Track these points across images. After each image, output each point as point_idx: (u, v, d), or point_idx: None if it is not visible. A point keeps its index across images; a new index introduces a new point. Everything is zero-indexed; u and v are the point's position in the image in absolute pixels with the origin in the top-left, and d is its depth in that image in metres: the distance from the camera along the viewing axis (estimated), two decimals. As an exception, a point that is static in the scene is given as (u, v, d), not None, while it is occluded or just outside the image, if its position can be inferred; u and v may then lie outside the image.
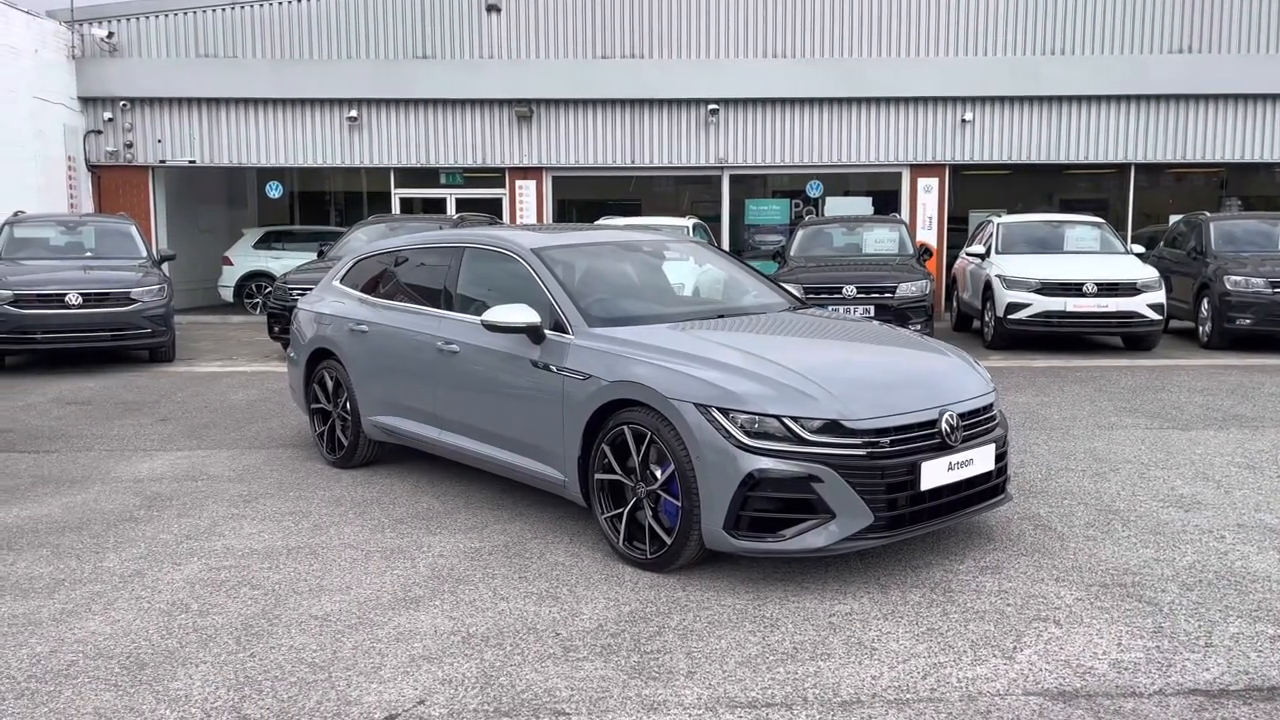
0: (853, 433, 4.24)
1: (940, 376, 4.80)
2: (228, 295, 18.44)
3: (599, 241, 6.01)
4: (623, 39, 17.48)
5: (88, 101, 17.59)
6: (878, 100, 17.56)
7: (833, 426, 4.24)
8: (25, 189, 15.79)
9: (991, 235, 14.02)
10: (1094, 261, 12.81)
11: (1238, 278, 12.41)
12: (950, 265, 16.43)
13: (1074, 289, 12.07)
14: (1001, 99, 17.50)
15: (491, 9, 17.35)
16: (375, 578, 4.59)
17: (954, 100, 17.56)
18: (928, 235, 17.97)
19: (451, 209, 17.94)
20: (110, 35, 17.36)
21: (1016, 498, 5.70)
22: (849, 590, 4.32)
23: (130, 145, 17.72)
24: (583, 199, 21.47)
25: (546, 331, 5.10)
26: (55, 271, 11.41)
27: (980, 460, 4.58)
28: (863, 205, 18.32)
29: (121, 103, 17.56)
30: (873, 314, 11.92)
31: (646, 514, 4.56)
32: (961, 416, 4.57)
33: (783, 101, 17.58)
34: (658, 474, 4.49)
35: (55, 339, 11.03)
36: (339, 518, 5.58)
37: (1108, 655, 3.65)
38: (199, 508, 5.83)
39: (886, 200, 18.39)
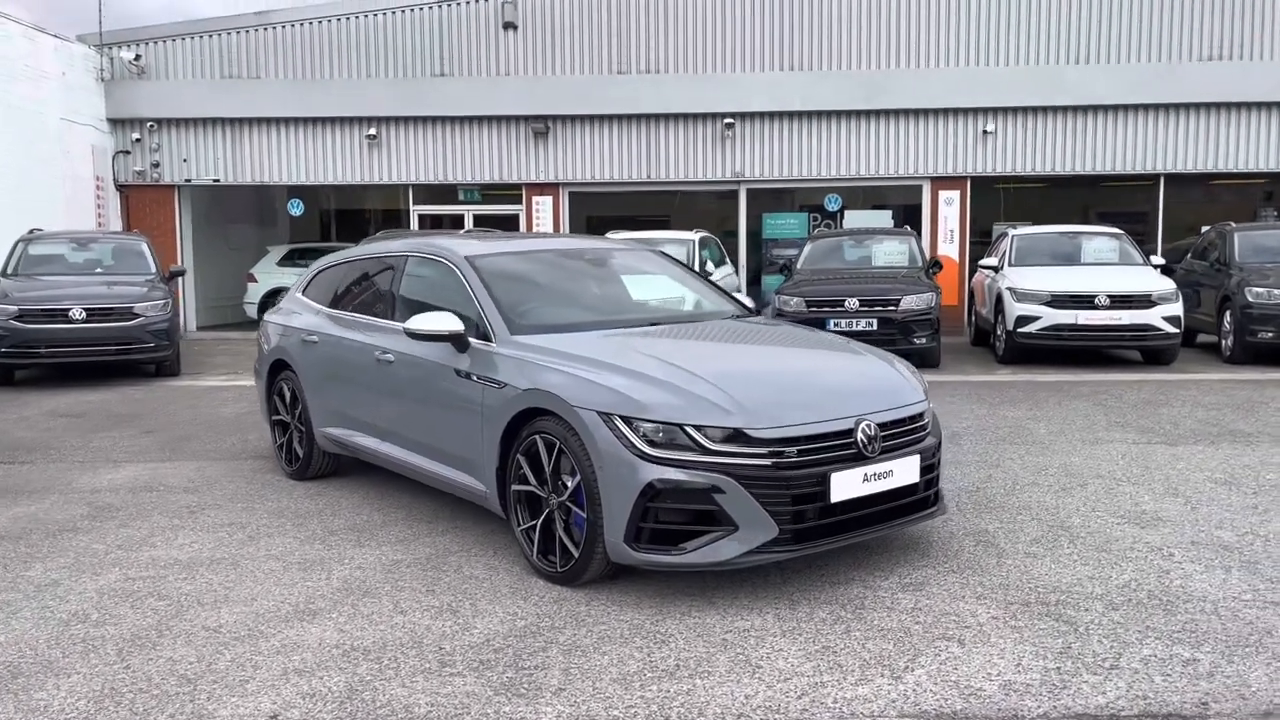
0: (757, 442, 4.10)
1: (865, 386, 4.64)
2: (252, 312, 18.68)
3: (539, 249, 5.94)
4: (639, 54, 17.47)
5: (116, 123, 17.98)
6: (896, 112, 17.32)
7: (737, 436, 4.10)
8: (53, 208, 16.16)
9: (1006, 247, 13.72)
10: (1109, 273, 12.44)
11: (1260, 289, 11.97)
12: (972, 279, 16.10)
13: (1085, 301, 11.73)
14: (1024, 109, 17.16)
15: (508, 26, 17.45)
16: (285, 589, 4.53)
17: (975, 111, 17.25)
18: (949, 249, 17.67)
19: (469, 225, 18.01)
20: (138, 58, 17.75)
21: (966, 512, 5.49)
22: (757, 605, 4.16)
23: (157, 165, 18.08)
24: (614, 214, 21.47)
25: (471, 340, 5.02)
26: (60, 287, 11.62)
27: (902, 472, 4.41)
28: (882, 219, 18.05)
29: (149, 123, 17.93)
30: (875, 327, 11.72)
31: (558, 526, 4.45)
32: (883, 426, 4.40)
33: (800, 114, 17.42)
34: (568, 484, 4.38)
35: (59, 353, 11.23)
36: (275, 529, 5.54)
37: (1001, 676, 3.45)
38: (143, 518, 5.83)
39: (907, 213, 18.11)
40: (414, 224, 18.09)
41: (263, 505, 6.08)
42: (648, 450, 4.09)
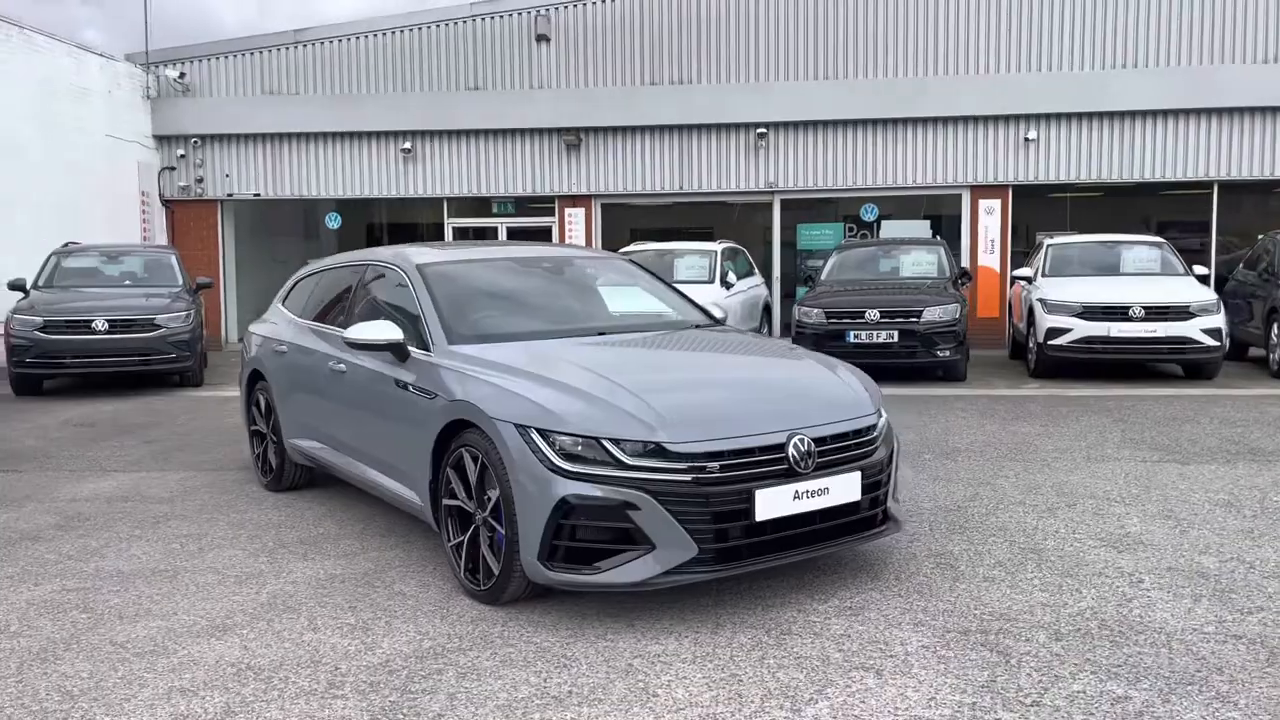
0: (677, 457, 3.91)
1: (804, 398, 4.42)
2: (291, 324, 18.90)
3: (494, 258, 5.81)
4: (671, 65, 17.34)
5: (162, 139, 18.37)
6: (934, 120, 16.91)
7: (656, 450, 3.91)
8: (97, 223, 16.52)
9: (1041, 257, 13.27)
10: (1145, 284, 11.92)
11: (1308, 300, 11.38)
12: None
13: (1119, 313, 11.25)
14: (1066, 115, 16.62)
15: (541, 39, 17.46)
16: (210, 603, 4.45)
17: (1015, 118, 16.77)
18: (990, 259, 17.18)
19: (502, 238, 18.02)
20: (182, 75, 18.14)
21: (936, 533, 5.22)
22: (677, 629, 3.96)
23: (200, 180, 18.43)
24: (657, 226, 21.36)
25: (411, 349, 4.91)
26: (86, 298, 11.84)
27: (841, 489, 4.17)
28: (920, 229, 17.61)
29: (193, 139, 18.29)
30: (896, 339, 11.39)
31: (483, 543, 4.30)
32: (820, 441, 4.17)
33: (834, 124, 17.11)
34: (492, 499, 4.23)
35: (83, 363, 11.43)
36: (229, 541, 5.49)
37: (910, 711, 3.21)
38: (107, 529, 5.82)
39: (947, 224, 17.66)
40: (448, 236, 18.16)
41: (227, 516, 6.03)
42: (562, 464, 3.92)
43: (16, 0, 19.78)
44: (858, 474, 4.23)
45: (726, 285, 12.95)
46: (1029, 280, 12.99)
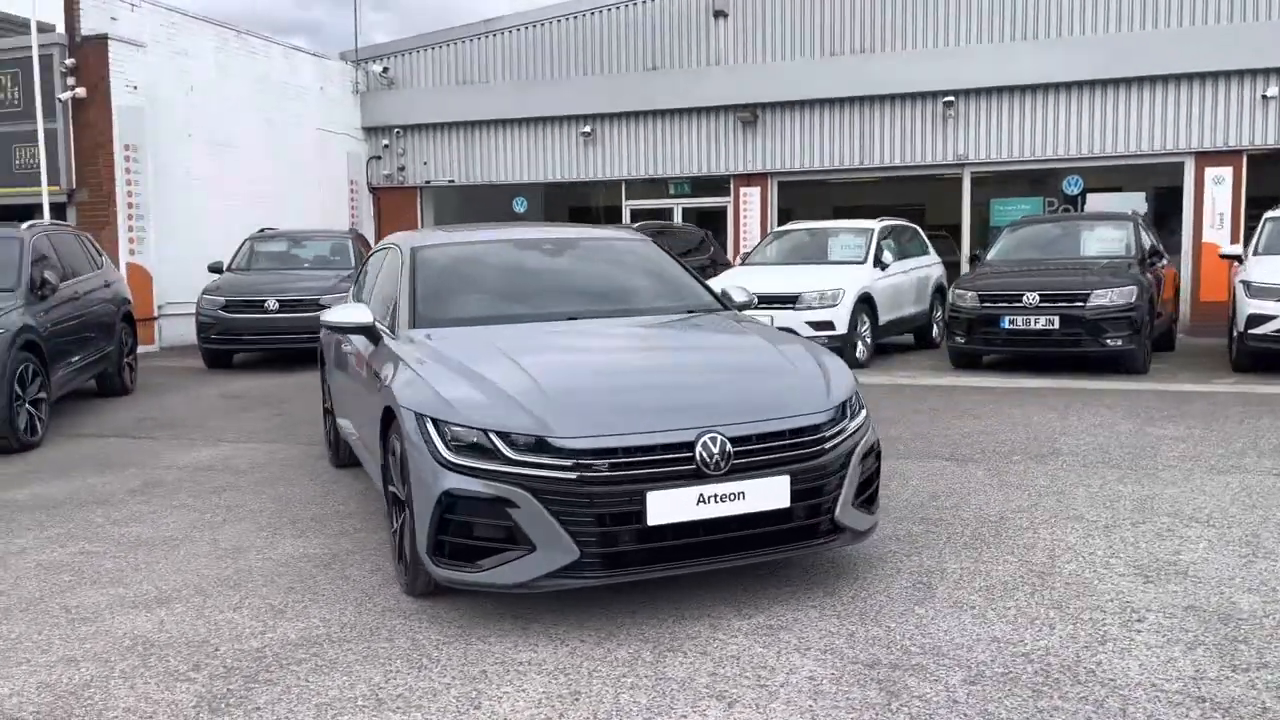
0: (561, 453, 3.63)
1: (735, 393, 4.00)
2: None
3: (490, 240, 5.67)
4: (851, 34, 16.52)
5: (369, 130, 19.58)
6: (1149, 79, 15.13)
7: (541, 445, 3.66)
8: (309, 210, 17.85)
9: (1257, 233, 11.56)
10: (1377, 264, 10.11)
11: None
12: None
13: (1334, 298, 9.60)
14: (1314, 67, 14.40)
15: (718, 15, 17.12)
16: (177, 576, 4.62)
17: (1249, 73, 14.71)
18: (1218, 235, 15.19)
19: (678, 219, 17.89)
20: (385, 70, 19.24)
21: (948, 546, 4.62)
22: (567, 635, 3.70)
23: (402, 169, 19.50)
24: (851, 204, 20.62)
25: (383, 332, 4.89)
26: (265, 280, 12.81)
27: (761, 494, 3.74)
28: (1133, 202, 15.85)
29: (395, 130, 19.37)
30: (1056, 326, 10.28)
31: (406, 532, 4.21)
32: (742, 440, 3.75)
33: (1031, 88, 15.69)
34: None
35: (259, 340, 12.41)
36: (253, 514, 5.71)
37: (721, 755, 2.81)
38: (167, 497, 6.21)
39: (1167, 196, 15.80)
40: (626, 219, 18.23)
41: (275, 490, 6.29)
42: (448, 456, 3.75)
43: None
44: (786, 478, 3.77)
45: (881, 265, 12.19)
46: (1239, 260, 11.36)
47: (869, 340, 11.76)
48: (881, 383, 10.19)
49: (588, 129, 17.99)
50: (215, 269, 13.48)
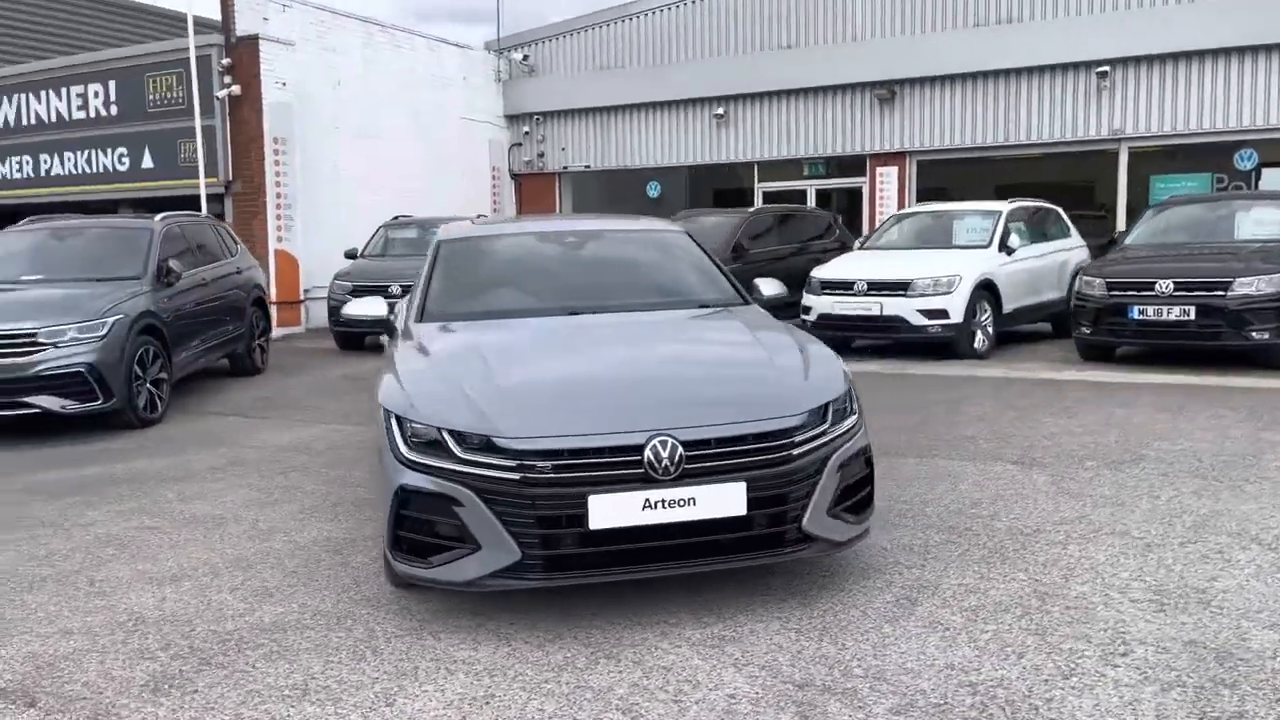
0: (505, 453, 3.60)
1: (696, 393, 3.85)
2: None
3: (513, 233, 5.66)
4: (997, 3, 15.61)
5: (511, 118, 20.02)
6: (1335, 40, 13.63)
7: (486, 445, 3.64)
8: (453, 196, 18.44)
9: None
10: None
11: None
12: None
13: None
14: None
15: (855, -11, 16.54)
16: (201, 553, 4.87)
17: None
18: None
19: (811, 200, 17.47)
20: (526, 58, 19.61)
21: (960, 559, 4.33)
22: (516, 635, 3.69)
23: (542, 155, 19.86)
24: (1012, 182, 19.57)
25: (397, 326, 5.00)
26: (383, 266, 13.34)
27: (713, 501, 3.60)
28: (1318, 177, 14.34)
29: (535, 117, 19.74)
30: (1192, 317, 9.43)
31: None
32: (698, 444, 3.62)
33: (1197, 54, 14.41)
34: (397, 482, 4.19)
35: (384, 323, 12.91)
36: (304, 495, 5.97)
37: (593, 774, 2.73)
38: (240, 476, 6.57)
39: (1357, 169, 14.22)
40: (758, 201, 17.93)
41: (337, 471, 6.56)
42: (405, 453, 3.79)
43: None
44: (742, 485, 3.62)
45: (1007, 250, 11.50)
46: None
47: (990, 330, 11.14)
48: (992, 375, 9.64)
49: (720, 111, 17.78)
50: (350, 255, 14.12)
